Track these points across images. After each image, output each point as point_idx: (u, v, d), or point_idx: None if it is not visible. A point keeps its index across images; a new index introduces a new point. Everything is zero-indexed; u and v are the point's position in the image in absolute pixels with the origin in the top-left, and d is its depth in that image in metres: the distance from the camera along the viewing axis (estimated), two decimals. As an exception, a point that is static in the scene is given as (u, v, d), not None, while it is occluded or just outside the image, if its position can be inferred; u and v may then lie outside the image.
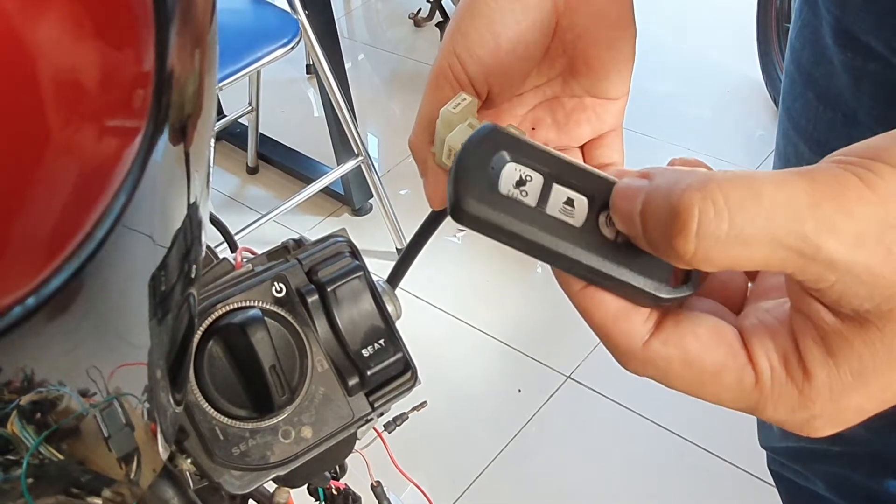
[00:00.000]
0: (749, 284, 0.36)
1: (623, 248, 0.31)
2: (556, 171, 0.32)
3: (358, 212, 2.36)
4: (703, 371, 0.30)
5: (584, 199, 0.31)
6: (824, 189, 0.26)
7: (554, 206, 0.31)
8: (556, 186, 0.31)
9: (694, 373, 0.31)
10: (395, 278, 0.60)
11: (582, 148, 0.49)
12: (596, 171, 0.32)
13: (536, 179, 0.31)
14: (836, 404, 0.29)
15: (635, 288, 0.31)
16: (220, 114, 2.53)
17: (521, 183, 0.31)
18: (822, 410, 0.29)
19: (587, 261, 0.31)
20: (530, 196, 0.31)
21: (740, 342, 0.31)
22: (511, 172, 0.31)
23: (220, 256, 0.58)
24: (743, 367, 0.30)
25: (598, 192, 0.32)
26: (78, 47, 0.21)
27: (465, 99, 0.43)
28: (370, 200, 2.33)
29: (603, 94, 0.48)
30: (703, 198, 0.26)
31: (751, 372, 0.30)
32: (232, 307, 0.51)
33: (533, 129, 0.49)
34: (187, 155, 0.28)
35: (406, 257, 0.58)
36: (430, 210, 0.50)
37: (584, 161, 0.49)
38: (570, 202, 0.31)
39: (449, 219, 0.48)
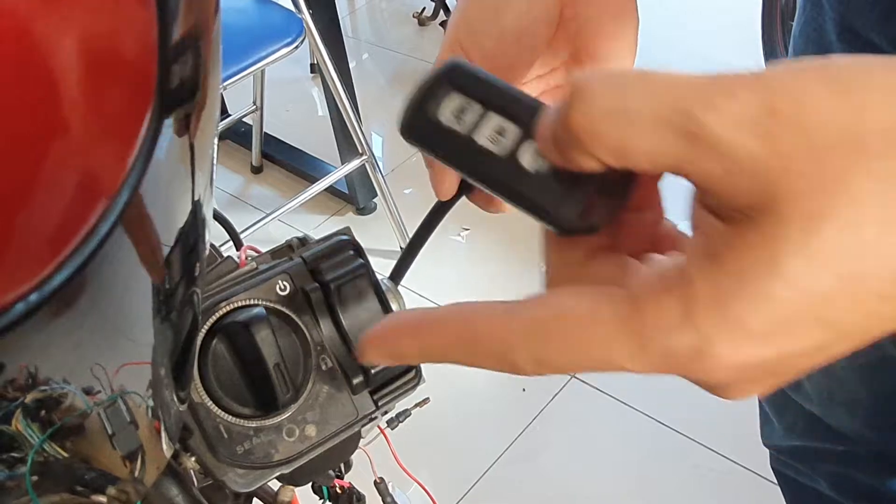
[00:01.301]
0: None
1: (539, 177, 0.32)
2: (500, 102, 0.33)
3: (362, 211, 2.36)
4: (578, 317, 0.28)
5: (516, 130, 0.32)
6: (709, 75, 0.26)
7: (483, 134, 0.32)
8: (492, 116, 0.33)
9: (569, 323, 0.28)
10: (399, 272, 0.60)
11: None
12: (543, 103, 0.33)
13: (476, 108, 0.33)
14: (720, 314, 0.26)
15: (547, 214, 0.32)
16: (225, 113, 2.53)
17: (460, 111, 0.33)
18: (709, 323, 0.26)
19: (505, 186, 0.32)
20: (465, 123, 0.33)
21: (619, 288, 0.28)
22: (455, 102, 0.33)
23: (225, 255, 0.58)
24: (618, 296, 0.28)
25: (533, 122, 0.33)
26: (80, 43, 0.21)
27: None
28: (374, 199, 2.33)
29: None
30: (600, 77, 0.27)
31: (626, 298, 0.27)
32: (236, 305, 0.51)
33: None
34: (191, 153, 0.28)
35: (410, 250, 0.58)
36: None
37: None
38: (501, 131, 0.32)
39: (453, 215, 0.49)
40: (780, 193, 0.25)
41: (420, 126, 0.33)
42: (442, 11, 3.05)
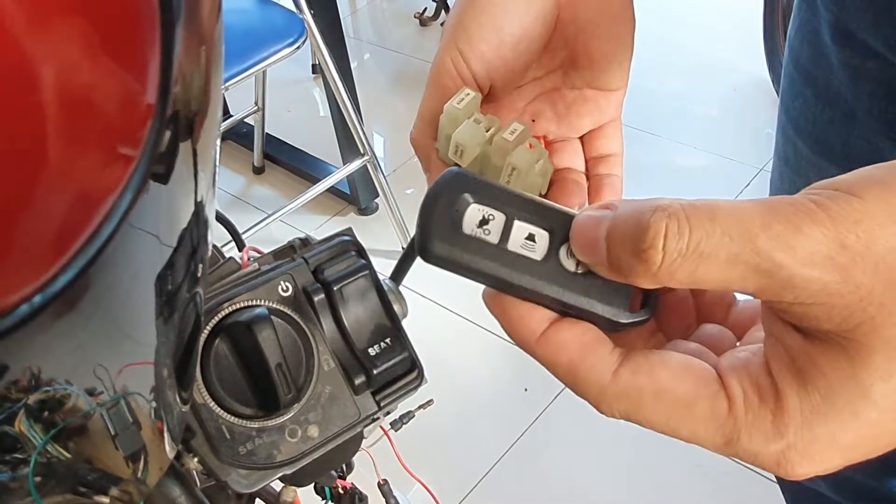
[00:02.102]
0: (738, 345, 0.36)
1: (583, 278, 0.32)
2: (518, 208, 0.33)
3: (364, 211, 2.36)
4: (676, 401, 0.30)
5: (546, 234, 0.33)
6: (777, 211, 0.27)
7: (515, 242, 0.32)
8: (517, 223, 0.33)
9: (666, 404, 0.31)
10: (399, 272, 0.60)
11: (582, 139, 0.50)
12: (556, 205, 0.34)
13: (498, 218, 0.33)
14: (810, 431, 0.28)
15: (596, 314, 0.32)
16: (226, 114, 2.53)
17: (483, 222, 0.32)
18: (796, 439, 0.29)
19: (549, 292, 0.32)
20: (493, 234, 0.32)
21: (714, 374, 0.31)
22: (474, 213, 0.33)
23: (227, 255, 0.58)
24: (716, 393, 0.30)
25: (559, 225, 0.33)
26: (83, 48, 0.21)
27: (468, 94, 0.43)
28: (376, 200, 2.33)
29: (604, 85, 0.48)
30: (669, 216, 0.28)
31: (724, 399, 0.30)
32: (238, 306, 0.51)
33: (533, 120, 0.49)
34: (194, 154, 0.29)
35: (410, 252, 0.58)
36: None
37: (584, 152, 0.49)
38: (531, 237, 0.32)
39: None
40: (861, 322, 0.27)
41: (445, 242, 0.32)
42: (443, 11, 3.05)
